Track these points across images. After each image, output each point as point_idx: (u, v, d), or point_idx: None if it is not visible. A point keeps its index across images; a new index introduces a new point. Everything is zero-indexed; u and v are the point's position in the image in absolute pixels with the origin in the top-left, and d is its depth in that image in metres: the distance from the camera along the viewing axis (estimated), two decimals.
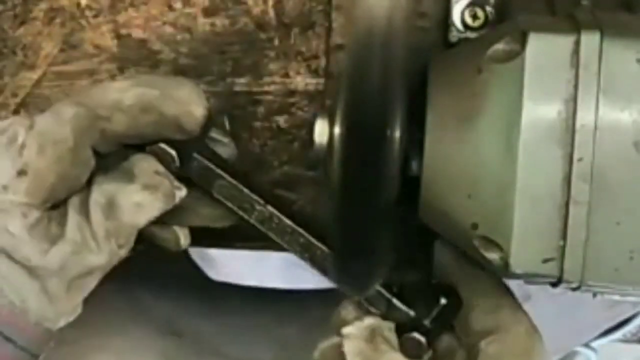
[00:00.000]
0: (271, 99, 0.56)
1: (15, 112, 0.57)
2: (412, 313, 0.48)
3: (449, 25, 0.53)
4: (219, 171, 0.49)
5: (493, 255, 0.44)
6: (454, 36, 0.53)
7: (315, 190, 0.57)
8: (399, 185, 0.43)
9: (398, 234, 0.42)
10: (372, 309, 0.48)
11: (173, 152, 0.49)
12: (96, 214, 0.47)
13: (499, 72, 0.43)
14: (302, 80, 0.56)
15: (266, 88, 0.56)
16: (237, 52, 0.56)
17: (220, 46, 0.56)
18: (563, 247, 0.43)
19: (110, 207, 0.47)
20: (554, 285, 0.44)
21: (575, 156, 0.42)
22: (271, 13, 0.55)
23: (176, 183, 0.48)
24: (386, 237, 0.42)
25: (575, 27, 0.43)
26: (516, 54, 0.43)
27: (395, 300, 0.48)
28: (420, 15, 0.54)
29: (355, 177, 0.40)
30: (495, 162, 0.43)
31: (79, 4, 0.56)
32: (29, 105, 0.57)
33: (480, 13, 0.52)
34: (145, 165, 0.48)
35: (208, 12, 0.56)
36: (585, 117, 0.42)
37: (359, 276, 0.44)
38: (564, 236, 0.43)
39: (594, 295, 0.47)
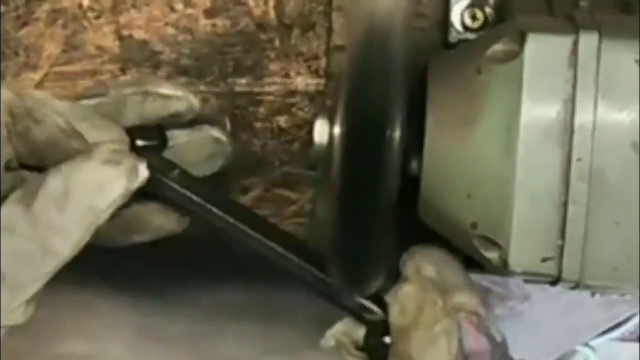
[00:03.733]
0: (272, 99, 0.56)
1: None
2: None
3: (448, 26, 0.53)
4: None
5: (492, 254, 0.44)
6: (453, 37, 0.53)
7: (315, 190, 0.57)
8: (399, 185, 0.43)
9: (398, 233, 0.42)
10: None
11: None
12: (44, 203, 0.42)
13: (498, 72, 0.43)
14: (302, 81, 0.56)
15: (267, 88, 0.56)
16: (238, 53, 0.56)
17: (221, 47, 0.56)
18: (562, 246, 0.43)
19: (66, 196, 0.42)
20: (553, 284, 0.45)
21: (574, 156, 0.42)
22: (272, 14, 0.56)
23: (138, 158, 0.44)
24: (386, 237, 0.42)
25: (573, 27, 0.43)
26: (515, 55, 0.43)
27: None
28: (420, 16, 0.54)
29: (355, 177, 0.40)
30: (494, 161, 0.43)
31: (80, 5, 0.56)
32: None
33: (479, 14, 0.52)
34: (102, 146, 0.44)
35: (209, 13, 0.56)
36: (583, 117, 0.42)
37: (359, 276, 0.44)
38: (562, 235, 0.43)
39: (592, 294, 0.47)
